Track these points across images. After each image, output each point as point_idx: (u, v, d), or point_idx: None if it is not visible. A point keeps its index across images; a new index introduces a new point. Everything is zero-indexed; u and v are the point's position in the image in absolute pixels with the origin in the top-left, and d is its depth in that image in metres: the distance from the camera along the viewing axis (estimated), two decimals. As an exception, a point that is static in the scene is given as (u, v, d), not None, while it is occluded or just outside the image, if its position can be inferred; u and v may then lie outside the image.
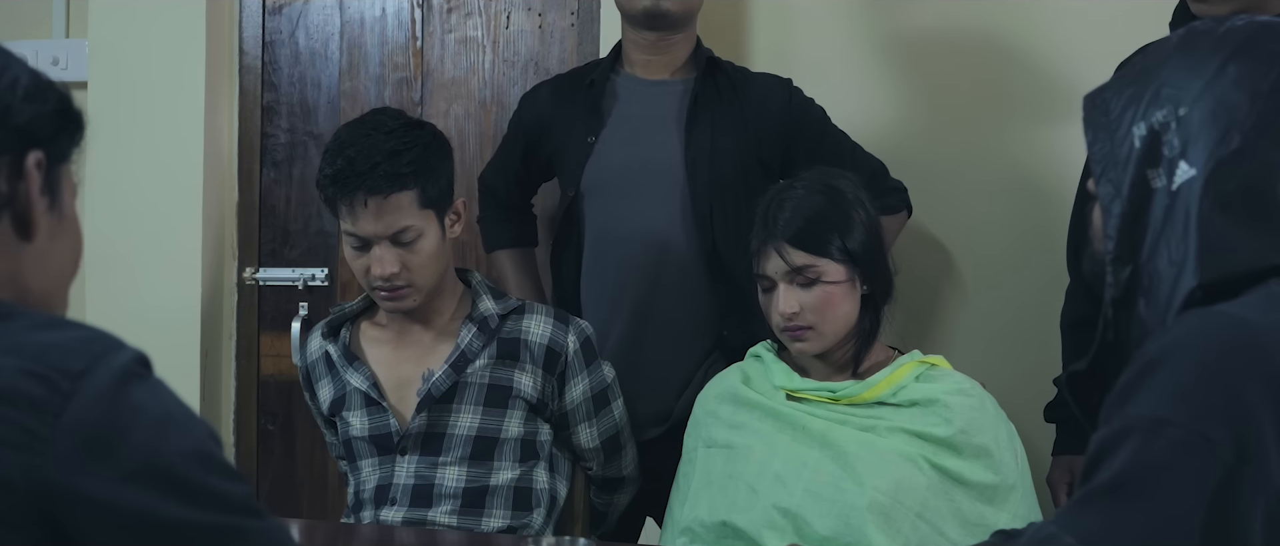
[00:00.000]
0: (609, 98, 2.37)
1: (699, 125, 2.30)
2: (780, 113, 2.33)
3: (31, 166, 1.09)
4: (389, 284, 2.00)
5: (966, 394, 1.90)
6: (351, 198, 1.95)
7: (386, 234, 1.97)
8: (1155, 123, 1.20)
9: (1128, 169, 1.21)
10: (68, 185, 1.16)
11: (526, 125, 2.45)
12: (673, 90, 2.35)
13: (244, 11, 3.17)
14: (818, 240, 1.90)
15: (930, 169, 2.63)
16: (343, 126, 2.06)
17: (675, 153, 2.30)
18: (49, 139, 1.11)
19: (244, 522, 1.04)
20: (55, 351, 0.99)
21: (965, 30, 2.65)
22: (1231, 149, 1.15)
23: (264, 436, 3.20)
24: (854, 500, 1.80)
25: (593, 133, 2.34)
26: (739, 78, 2.37)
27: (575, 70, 2.53)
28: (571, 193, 2.33)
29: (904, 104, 2.68)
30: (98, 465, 0.97)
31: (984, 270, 2.65)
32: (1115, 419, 1.10)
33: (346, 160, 1.95)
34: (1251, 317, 1.09)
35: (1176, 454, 1.05)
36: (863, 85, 2.69)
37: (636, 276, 2.30)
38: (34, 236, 1.11)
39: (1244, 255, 1.14)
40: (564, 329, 2.11)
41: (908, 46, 2.68)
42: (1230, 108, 1.16)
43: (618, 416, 2.18)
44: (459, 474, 2.03)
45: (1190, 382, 1.07)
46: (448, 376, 2.04)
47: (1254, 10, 1.98)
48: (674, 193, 2.30)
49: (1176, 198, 1.17)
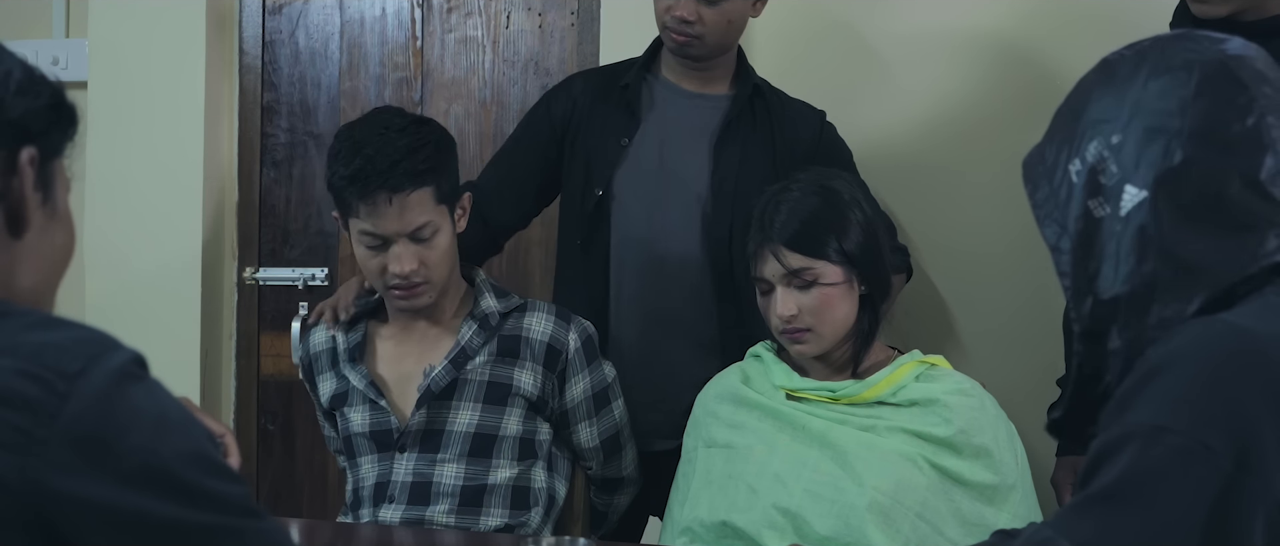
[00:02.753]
0: (645, 100, 2.35)
1: (730, 146, 2.29)
2: (809, 146, 2.32)
3: (25, 162, 1.08)
4: (407, 281, 2.00)
5: (966, 394, 1.90)
6: (374, 196, 1.94)
7: (406, 231, 1.97)
8: (1089, 156, 1.20)
9: (1070, 206, 1.21)
10: (61, 180, 1.15)
11: (556, 117, 2.39)
12: (710, 105, 2.33)
13: (244, 11, 3.17)
14: (814, 242, 1.90)
15: (931, 169, 2.63)
16: (346, 127, 2.05)
17: (704, 170, 2.29)
18: (41, 134, 1.10)
19: (242, 523, 1.04)
20: (51, 351, 0.98)
21: (966, 31, 2.65)
22: (1176, 162, 1.15)
23: (264, 436, 3.20)
24: (854, 500, 1.80)
25: (627, 135, 2.32)
26: (777, 104, 2.35)
27: (607, 67, 2.49)
28: (599, 192, 2.31)
29: (905, 104, 2.68)
30: (94, 467, 0.96)
31: (984, 270, 2.65)
32: (1115, 425, 1.09)
33: (365, 159, 1.94)
34: (1254, 326, 1.08)
35: (1175, 462, 1.04)
36: (864, 87, 2.69)
37: (655, 286, 2.29)
38: (26, 232, 1.10)
39: (1225, 263, 1.13)
40: (565, 327, 2.11)
41: (908, 48, 2.68)
42: (1163, 122, 1.16)
43: (618, 416, 2.18)
44: (457, 471, 2.03)
45: (1191, 391, 1.06)
46: (447, 372, 2.04)
47: (1255, 10, 1.98)
48: (697, 209, 2.29)
49: (1128, 222, 1.16)
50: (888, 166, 2.44)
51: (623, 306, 2.32)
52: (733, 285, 2.26)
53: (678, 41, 2.26)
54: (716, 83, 2.35)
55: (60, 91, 1.14)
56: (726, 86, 2.36)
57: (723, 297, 2.28)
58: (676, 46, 2.28)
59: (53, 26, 3.28)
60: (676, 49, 2.29)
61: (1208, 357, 1.07)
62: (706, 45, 2.26)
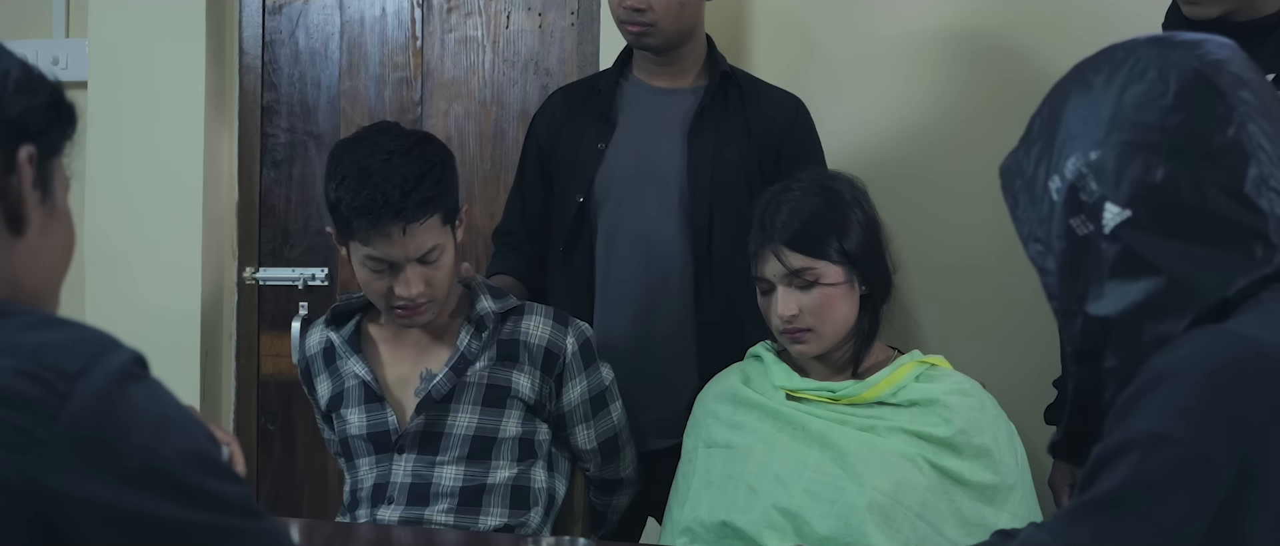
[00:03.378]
0: (619, 104, 2.37)
1: (702, 134, 2.30)
2: (783, 131, 2.33)
3: (23, 160, 1.08)
4: (413, 303, 1.99)
5: (966, 394, 1.90)
6: (386, 227, 1.92)
7: (415, 256, 1.96)
8: (1068, 173, 1.18)
9: (1051, 224, 1.19)
10: (60, 179, 1.15)
11: (540, 137, 2.43)
12: (681, 98, 2.35)
13: (244, 11, 3.17)
14: (815, 242, 1.90)
15: (931, 169, 2.63)
16: (346, 148, 2.00)
17: (680, 162, 2.30)
18: (40, 132, 1.10)
19: (242, 523, 1.04)
20: (51, 351, 0.98)
21: (965, 32, 2.65)
22: (1157, 179, 1.13)
23: (264, 436, 3.20)
24: (853, 500, 1.80)
25: (603, 139, 2.34)
26: (751, 89, 2.36)
27: (584, 80, 2.53)
28: (580, 198, 2.32)
29: (905, 105, 2.68)
30: (94, 467, 0.96)
31: (984, 270, 2.65)
32: (1117, 431, 1.08)
33: (374, 188, 1.90)
34: (1259, 335, 1.07)
35: (1176, 471, 1.02)
36: (863, 87, 2.69)
37: (640, 283, 2.30)
38: (25, 231, 1.09)
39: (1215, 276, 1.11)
40: (563, 330, 2.10)
41: (909, 48, 2.68)
42: (1142, 137, 1.14)
43: (616, 419, 2.18)
44: (456, 473, 2.03)
45: (1194, 400, 1.04)
46: (448, 379, 2.04)
47: (1246, 10, 1.98)
48: (675, 201, 2.30)
49: (1113, 240, 1.14)
50: (887, 165, 2.43)
51: (608, 309, 2.33)
52: (711, 273, 2.27)
53: (633, 32, 2.29)
54: (686, 76, 2.37)
55: (59, 90, 1.13)
56: (697, 79, 2.37)
57: (705, 287, 2.28)
58: (633, 38, 2.31)
59: (53, 26, 3.28)
60: (634, 41, 2.32)
61: (1212, 366, 1.05)
62: (663, 32, 2.28)
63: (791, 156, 2.30)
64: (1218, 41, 1.19)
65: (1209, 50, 1.17)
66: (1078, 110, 1.19)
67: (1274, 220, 1.12)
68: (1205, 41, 1.19)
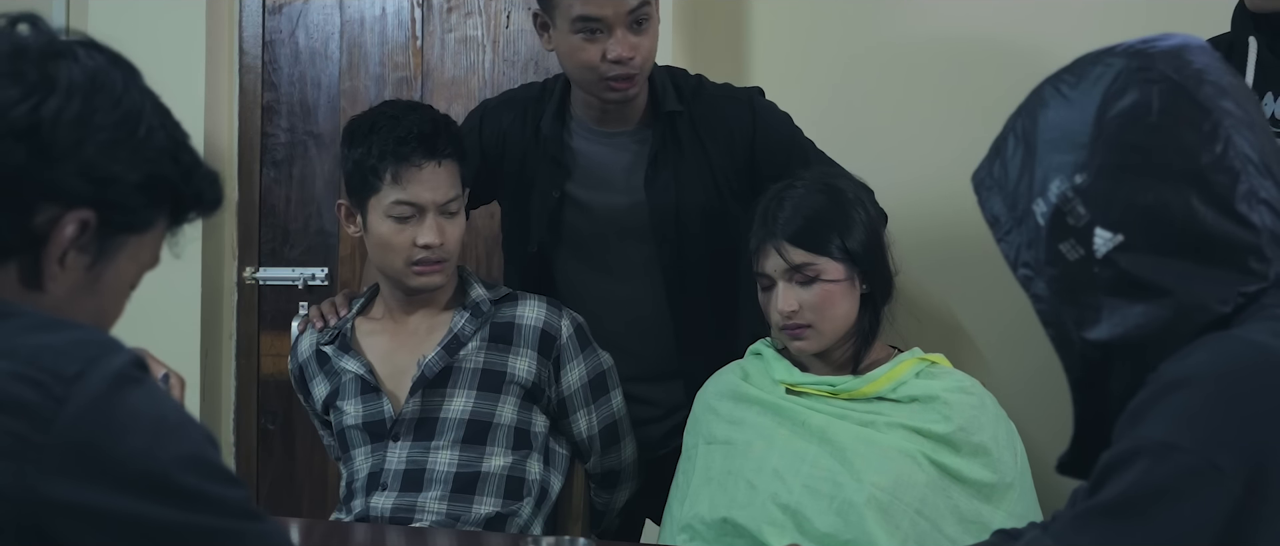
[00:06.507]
0: (567, 148, 2.22)
1: (659, 181, 2.19)
2: (747, 141, 2.19)
3: (70, 222, 1.03)
4: (433, 255, 2.03)
5: (966, 391, 1.91)
6: (419, 161, 2.00)
7: (441, 201, 2.02)
8: (1052, 196, 1.15)
9: (1039, 249, 1.17)
10: (130, 256, 1.11)
11: (488, 138, 2.25)
12: (631, 142, 2.21)
13: (244, 11, 3.17)
14: (817, 239, 1.90)
15: (931, 168, 2.63)
16: (366, 114, 2.12)
17: (641, 209, 2.20)
18: (118, 204, 1.06)
19: (242, 526, 1.04)
20: (49, 354, 0.97)
21: (966, 31, 2.65)
22: (1148, 201, 1.11)
23: (264, 436, 3.20)
24: (852, 495, 1.80)
25: (556, 187, 2.21)
26: (701, 111, 2.19)
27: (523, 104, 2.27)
28: (533, 248, 2.25)
29: (904, 104, 2.67)
30: (91, 472, 0.96)
31: (984, 270, 2.63)
32: (1126, 438, 1.07)
33: (407, 127, 2.01)
34: (1271, 343, 1.05)
35: (1183, 481, 1.01)
36: (863, 87, 2.69)
37: (606, 328, 2.22)
38: (46, 287, 1.05)
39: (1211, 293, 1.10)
40: (557, 313, 2.12)
41: (909, 48, 2.68)
42: (1127, 159, 1.12)
43: (616, 407, 2.18)
44: (451, 457, 2.04)
45: (1204, 408, 1.03)
46: (440, 358, 2.06)
47: None
48: (640, 248, 2.23)
49: (1107, 266, 1.12)
50: (887, 165, 2.43)
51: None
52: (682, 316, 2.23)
53: (620, 89, 2.08)
54: (632, 119, 2.20)
55: (190, 173, 1.10)
56: (644, 121, 2.20)
57: (679, 328, 2.24)
58: (618, 96, 2.09)
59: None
60: (619, 98, 2.11)
61: (1223, 374, 1.04)
62: (641, 80, 2.11)
63: (768, 157, 2.20)
64: (1197, 45, 1.17)
65: (1188, 58, 1.15)
66: (1055, 127, 1.17)
67: (1266, 233, 1.11)
68: (1185, 47, 1.17)
